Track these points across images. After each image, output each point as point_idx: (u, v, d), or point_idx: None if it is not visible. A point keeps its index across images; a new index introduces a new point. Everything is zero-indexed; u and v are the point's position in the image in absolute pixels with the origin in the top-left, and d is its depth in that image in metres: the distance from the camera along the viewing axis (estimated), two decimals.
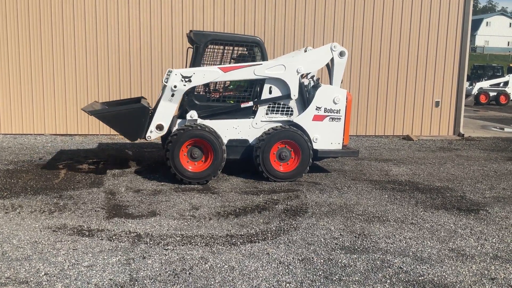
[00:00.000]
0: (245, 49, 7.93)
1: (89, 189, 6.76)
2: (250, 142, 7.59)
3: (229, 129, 7.52)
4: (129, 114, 7.22)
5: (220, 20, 11.64)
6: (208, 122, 7.41)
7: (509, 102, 25.34)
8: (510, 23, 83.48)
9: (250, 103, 7.60)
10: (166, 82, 7.28)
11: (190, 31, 7.72)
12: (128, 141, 10.95)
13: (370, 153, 10.19)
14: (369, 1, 12.10)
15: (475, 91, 24.96)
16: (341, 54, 7.77)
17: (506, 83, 26.04)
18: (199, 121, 7.40)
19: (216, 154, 7.16)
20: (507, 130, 14.74)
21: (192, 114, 7.38)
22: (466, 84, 13.52)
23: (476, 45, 72.97)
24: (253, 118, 7.62)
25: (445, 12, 12.37)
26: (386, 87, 12.42)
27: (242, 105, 7.56)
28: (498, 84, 25.91)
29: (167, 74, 7.40)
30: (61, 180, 7.22)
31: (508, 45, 79.21)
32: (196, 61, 7.54)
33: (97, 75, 11.51)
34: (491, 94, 25.23)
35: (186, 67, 7.81)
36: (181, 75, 7.28)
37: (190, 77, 7.28)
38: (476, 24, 74.01)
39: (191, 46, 7.83)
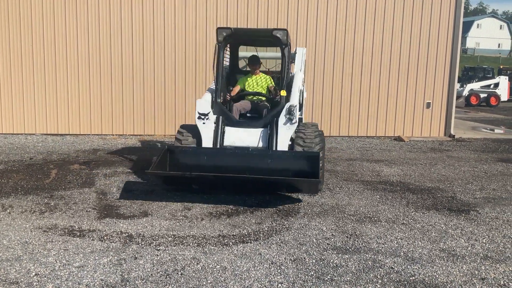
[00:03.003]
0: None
1: (80, 189, 6.72)
2: None
3: None
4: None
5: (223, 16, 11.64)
6: None
7: (499, 103, 25.56)
8: (501, 25, 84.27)
9: None
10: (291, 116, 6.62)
11: (275, 29, 6.99)
12: (119, 141, 10.93)
13: (362, 153, 10.23)
14: (361, 2, 12.15)
15: (466, 92, 25.16)
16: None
17: (496, 85, 26.28)
18: None
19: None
20: (497, 131, 14.86)
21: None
22: (457, 86, 13.62)
23: (467, 47, 73.58)
24: None
25: (436, 14, 12.45)
26: (378, 89, 12.48)
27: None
28: (488, 86, 26.14)
29: (289, 108, 6.69)
30: (52, 180, 7.17)
31: (499, 47, 79.93)
32: (289, 64, 7.12)
33: (88, 74, 11.46)
34: (482, 95, 25.45)
35: (214, 65, 7.22)
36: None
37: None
38: (467, 26, 74.66)
39: (219, 43, 7.14)
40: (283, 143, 6.71)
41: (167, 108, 11.84)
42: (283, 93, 7.05)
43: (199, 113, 6.87)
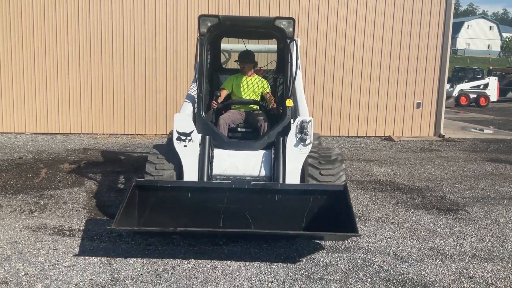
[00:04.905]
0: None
1: (70, 188, 6.69)
2: None
3: None
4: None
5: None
6: None
7: (489, 104, 25.74)
8: (491, 26, 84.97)
9: None
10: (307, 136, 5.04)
11: (279, 18, 5.42)
12: (110, 140, 10.88)
13: (353, 153, 10.27)
14: (352, 3, 12.19)
15: (455, 93, 25.30)
16: None
17: (486, 85, 26.46)
18: None
19: None
20: (487, 132, 14.98)
21: None
22: (447, 86, 13.70)
23: (457, 47, 74.05)
24: None
25: (426, 15, 12.52)
26: (369, 89, 12.53)
27: None
28: (478, 86, 26.31)
29: (301, 124, 5.11)
30: (42, 180, 7.13)
31: (489, 47, 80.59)
32: (297, 64, 5.73)
33: (79, 73, 11.40)
34: (471, 96, 25.60)
35: (196, 60, 5.69)
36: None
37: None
38: (457, 27, 75.16)
39: (201, 35, 5.50)
40: (293, 172, 5.08)
41: (158, 107, 11.80)
42: (289, 103, 5.47)
43: (178, 133, 5.11)
